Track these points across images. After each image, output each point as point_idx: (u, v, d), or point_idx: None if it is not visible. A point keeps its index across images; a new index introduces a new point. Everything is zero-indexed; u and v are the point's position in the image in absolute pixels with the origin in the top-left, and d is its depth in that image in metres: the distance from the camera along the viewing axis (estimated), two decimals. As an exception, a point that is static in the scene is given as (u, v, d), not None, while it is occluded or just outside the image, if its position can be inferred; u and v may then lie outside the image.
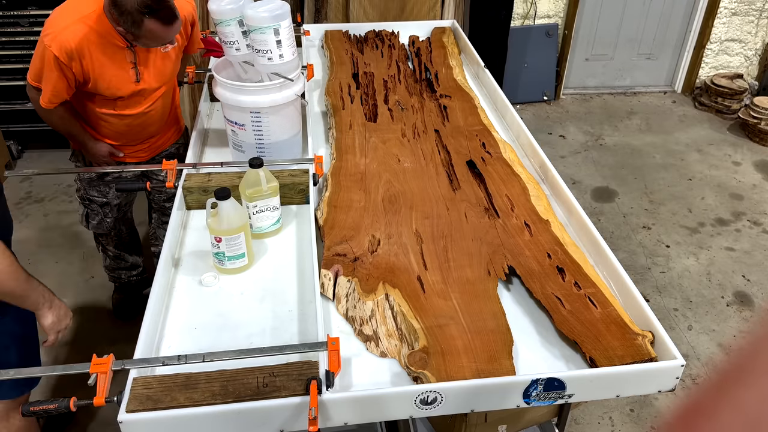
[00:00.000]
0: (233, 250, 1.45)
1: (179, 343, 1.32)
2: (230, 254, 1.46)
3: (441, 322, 1.32)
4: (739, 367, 0.33)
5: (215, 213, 1.43)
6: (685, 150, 4.05)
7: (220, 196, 1.40)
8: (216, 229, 1.42)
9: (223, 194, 1.41)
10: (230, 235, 1.43)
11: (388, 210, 1.68)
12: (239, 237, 1.44)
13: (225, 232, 1.42)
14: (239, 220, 1.44)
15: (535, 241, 1.55)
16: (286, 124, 1.84)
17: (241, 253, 1.47)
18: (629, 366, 1.21)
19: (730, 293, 2.90)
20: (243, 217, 1.45)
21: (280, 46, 1.71)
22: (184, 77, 2.30)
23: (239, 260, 1.48)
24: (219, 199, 1.41)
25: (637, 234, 3.27)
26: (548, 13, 4.37)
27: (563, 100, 4.64)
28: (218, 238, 1.43)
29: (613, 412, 2.33)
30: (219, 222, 1.42)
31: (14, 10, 3.39)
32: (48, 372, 1.22)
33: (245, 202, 1.53)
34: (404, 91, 2.32)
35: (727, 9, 4.40)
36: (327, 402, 1.14)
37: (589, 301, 1.37)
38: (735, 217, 3.43)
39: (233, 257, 1.47)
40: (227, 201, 1.41)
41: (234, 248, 1.45)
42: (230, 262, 1.47)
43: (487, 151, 1.93)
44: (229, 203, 1.42)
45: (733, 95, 4.38)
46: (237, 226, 1.43)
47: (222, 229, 1.42)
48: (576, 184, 3.67)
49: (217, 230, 1.42)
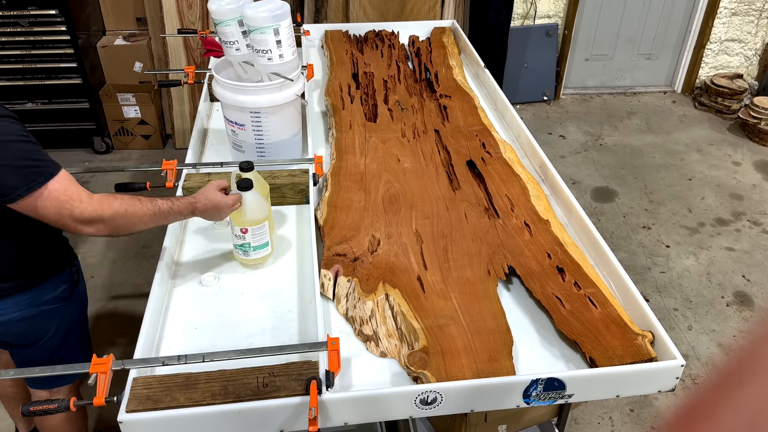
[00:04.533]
0: (259, 239, 1.46)
1: (179, 343, 1.32)
2: (256, 244, 1.47)
3: (441, 322, 1.32)
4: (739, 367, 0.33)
5: (239, 205, 1.43)
6: (685, 150, 4.05)
7: (243, 187, 1.41)
8: (241, 220, 1.43)
9: (245, 185, 1.41)
10: (256, 225, 1.44)
11: (388, 210, 1.68)
12: (264, 226, 1.46)
13: (251, 222, 1.43)
14: (262, 211, 1.45)
15: (535, 241, 1.55)
16: (286, 124, 1.84)
17: (266, 242, 1.48)
18: (629, 366, 1.21)
19: (730, 293, 2.90)
20: (265, 207, 1.47)
21: (280, 46, 1.71)
22: (184, 77, 2.30)
23: (264, 249, 1.49)
24: (242, 190, 1.41)
25: (637, 234, 3.27)
26: (548, 13, 4.37)
27: (563, 100, 4.64)
28: (244, 229, 1.43)
29: (613, 412, 2.33)
30: (243, 213, 1.43)
31: (14, 10, 3.39)
32: (48, 372, 1.22)
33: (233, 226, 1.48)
34: (404, 91, 2.32)
35: (727, 9, 4.40)
36: (327, 402, 1.14)
37: (589, 301, 1.37)
38: (735, 217, 3.43)
39: (258, 247, 1.48)
40: (250, 192, 1.42)
41: (259, 238, 1.46)
42: (255, 252, 1.48)
43: (487, 151, 1.93)
44: (252, 194, 1.42)
45: (733, 95, 4.38)
46: (262, 216, 1.44)
47: (248, 219, 1.43)
48: (576, 184, 3.67)
49: (243, 221, 1.43)
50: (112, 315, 2.70)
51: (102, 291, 2.82)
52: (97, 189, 3.51)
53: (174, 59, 3.67)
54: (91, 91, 3.69)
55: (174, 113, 3.82)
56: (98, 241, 3.12)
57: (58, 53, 3.54)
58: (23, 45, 3.49)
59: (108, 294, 2.79)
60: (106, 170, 1.93)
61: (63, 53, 3.54)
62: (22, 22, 3.43)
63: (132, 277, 2.93)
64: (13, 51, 3.51)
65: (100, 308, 2.74)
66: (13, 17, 3.41)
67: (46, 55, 3.54)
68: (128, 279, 2.92)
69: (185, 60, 3.68)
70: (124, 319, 2.68)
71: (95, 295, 2.81)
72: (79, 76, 3.61)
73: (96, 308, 2.74)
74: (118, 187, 1.75)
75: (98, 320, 2.68)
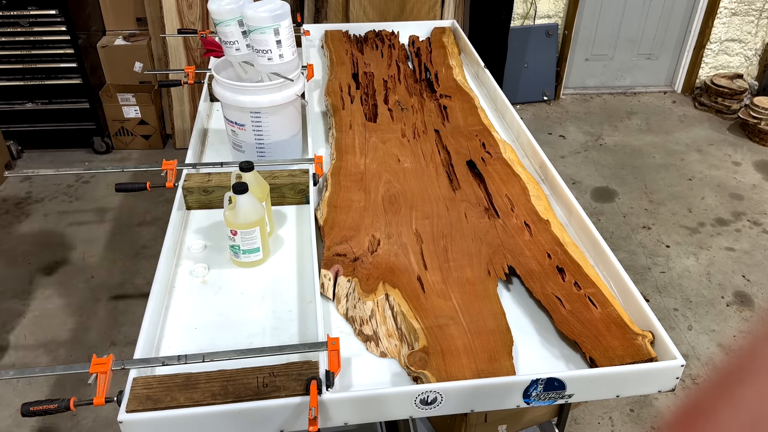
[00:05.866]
0: (248, 243, 1.47)
1: (179, 342, 1.32)
2: (245, 248, 1.48)
3: (441, 322, 1.32)
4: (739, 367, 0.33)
5: (232, 206, 1.45)
6: (685, 150, 4.05)
7: (238, 191, 1.42)
8: (232, 222, 1.45)
9: (240, 188, 1.42)
10: (245, 229, 1.45)
11: (388, 210, 1.68)
12: (254, 231, 1.46)
13: (241, 225, 1.44)
14: (255, 215, 1.46)
15: (535, 241, 1.55)
16: (286, 124, 1.84)
17: (256, 248, 1.49)
18: (629, 366, 1.21)
19: (730, 293, 2.90)
20: (259, 212, 1.47)
21: (280, 46, 1.71)
22: (184, 77, 2.30)
23: (254, 254, 1.50)
24: (236, 193, 1.43)
25: (637, 234, 3.27)
26: (548, 13, 4.37)
27: (563, 100, 4.64)
28: (234, 231, 1.45)
29: (613, 412, 2.33)
30: (235, 215, 1.44)
31: (14, 10, 3.39)
32: (48, 372, 1.22)
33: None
34: (404, 91, 2.32)
35: (727, 9, 4.40)
36: (327, 402, 1.14)
37: (589, 301, 1.37)
38: (735, 217, 3.43)
39: (248, 251, 1.49)
40: (244, 195, 1.43)
41: (249, 242, 1.47)
42: (245, 255, 1.49)
43: (487, 151, 1.93)
44: (246, 197, 1.44)
45: (733, 95, 4.38)
46: (252, 221, 1.45)
47: (238, 222, 1.44)
48: (576, 184, 3.67)
49: (234, 223, 1.45)
50: (112, 315, 2.70)
51: (102, 291, 2.82)
52: (98, 189, 3.52)
53: (174, 59, 3.67)
54: (91, 91, 3.69)
55: (174, 113, 3.82)
56: (98, 241, 3.12)
57: (58, 53, 3.54)
58: (23, 45, 3.50)
59: (108, 294, 2.79)
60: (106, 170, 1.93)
61: (63, 53, 3.54)
62: (22, 22, 3.43)
63: (132, 277, 2.93)
64: (13, 51, 3.51)
65: (100, 308, 2.74)
66: (13, 17, 3.41)
67: (46, 55, 3.54)
68: (128, 279, 2.92)
69: (185, 60, 3.68)
70: (124, 319, 2.68)
71: (95, 295, 2.81)
72: (79, 76, 3.62)
73: (96, 308, 2.74)
74: (118, 187, 1.75)
75: (98, 320, 2.68)
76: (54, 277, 2.90)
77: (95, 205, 3.35)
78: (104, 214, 2.26)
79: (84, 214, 3.34)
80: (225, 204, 1.47)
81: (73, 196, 3.44)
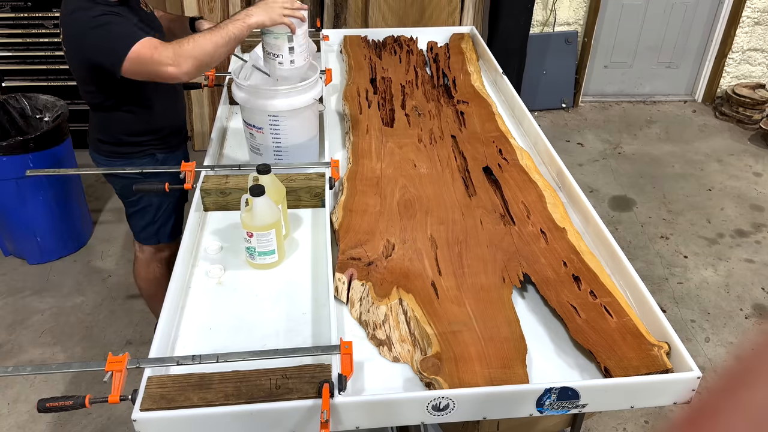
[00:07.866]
0: (264, 245, 1.49)
1: (194, 343, 1.33)
2: (261, 250, 1.49)
3: (454, 329, 1.32)
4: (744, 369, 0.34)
5: (249, 209, 1.46)
6: (705, 160, 4.01)
7: (255, 193, 1.43)
8: (249, 224, 1.46)
9: (257, 191, 1.43)
10: (261, 231, 1.46)
11: (403, 215, 1.68)
12: (270, 234, 1.48)
13: (257, 227, 1.46)
14: (271, 218, 1.47)
15: (551, 249, 1.55)
16: (304, 127, 1.85)
17: (272, 250, 1.50)
18: (644, 377, 1.20)
19: (748, 305, 2.86)
20: (275, 215, 1.48)
21: (292, 52, 1.72)
22: (204, 80, 2.33)
23: (269, 256, 1.51)
24: (254, 196, 1.44)
25: (654, 244, 3.23)
26: (568, 21, 4.36)
27: (582, 107, 4.61)
28: (250, 233, 1.47)
29: (627, 423, 2.30)
30: (252, 218, 1.46)
31: (39, 11, 3.45)
32: (64, 369, 1.23)
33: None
34: (421, 96, 2.32)
35: (750, 18, 4.35)
36: (339, 405, 1.14)
37: (605, 310, 1.36)
38: (755, 228, 3.38)
39: (263, 253, 1.50)
40: (261, 198, 1.44)
41: (264, 244, 1.48)
42: (260, 257, 1.51)
43: (503, 158, 1.93)
44: (263, 200, 1.45)
45: (755, 105, 4.32)
46: (268, 223, 1.47)
47: (254, 224, 1.46)
48: (593, 193, 3.64)
49: (250, 225, 1.46)
50: (129, 314, 2.73)
51: (118, 290, 2.85)
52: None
53: (194, 62, 3.70)
54: (113, 92, 3.73)
55: (194, 115, 3.86)
56: (116, 241, 3.16)
57: (81, 55, 3.59)
58: (48, 46, 3.55)
59: (125, 293, 2.82)
60: (126, 170, 1.95)
61: (86, 55, 3.59)
62: (47, 23, 3.49)
63: (148, 277, 2.95)
64: (37, 52, 3.57)
65: (116, 307, 2.77)
66: (38, 19, 3.47)
67: (69, 56, 3.59)
68: (145, 279, 2.94)
69: (205, 63, 3.70)
70: (140, 318, 2.71)
71: (112, 294, 2.84)
72: (101, 78, 3.66)
73: (112, 307, 2.77)
74: (137, 187, 1.77)
75: (114, 319, 2.71)
76: (72, 276, 2.93)
77: (114, 205, 3.39)
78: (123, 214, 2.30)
79: (103, 213, 3.38)
80: (242, 206, 1.48)
81: (93, 195, 3.48)
